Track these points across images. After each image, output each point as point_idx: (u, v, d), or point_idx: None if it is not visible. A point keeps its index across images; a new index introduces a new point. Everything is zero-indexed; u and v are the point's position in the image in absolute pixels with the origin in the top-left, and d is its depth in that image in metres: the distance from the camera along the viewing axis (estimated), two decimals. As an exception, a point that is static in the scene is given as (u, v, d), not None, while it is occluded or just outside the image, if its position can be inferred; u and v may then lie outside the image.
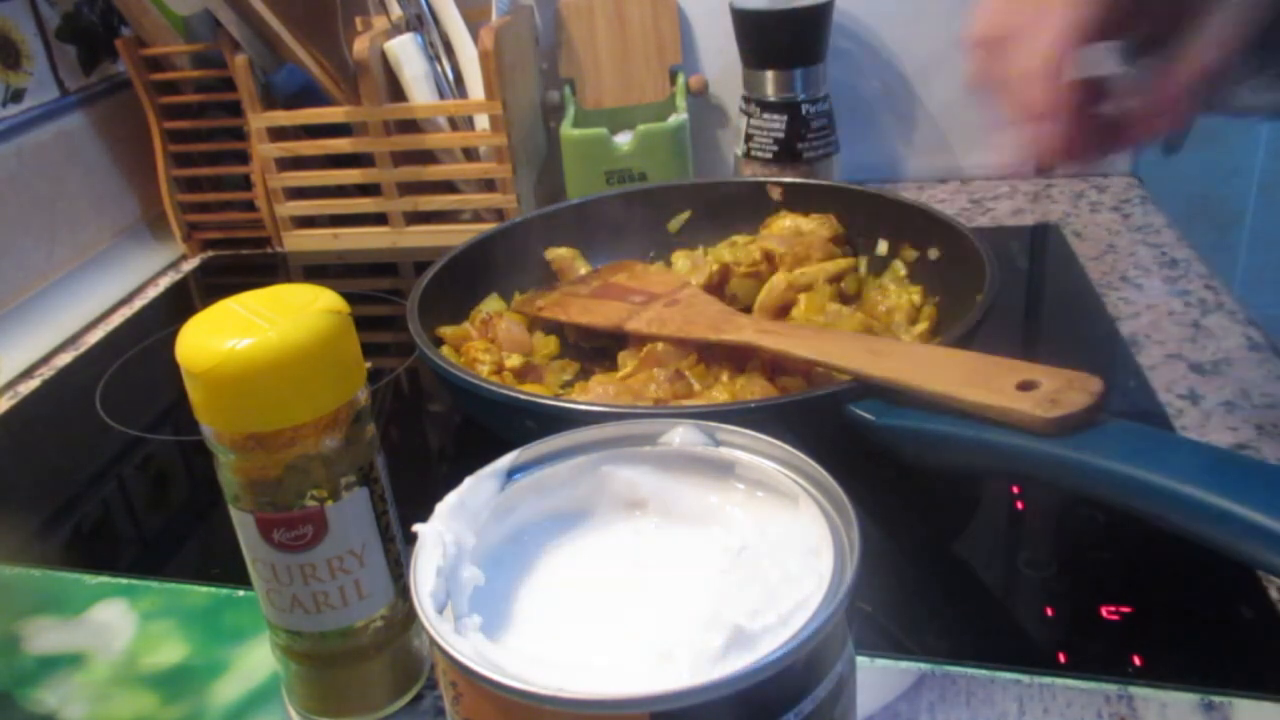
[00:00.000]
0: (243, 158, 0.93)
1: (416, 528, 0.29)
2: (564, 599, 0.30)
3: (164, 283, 0.91)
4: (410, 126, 0.87)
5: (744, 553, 0.30)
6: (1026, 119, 0.35)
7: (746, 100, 0.87)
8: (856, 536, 0.27)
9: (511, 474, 0.33)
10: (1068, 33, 0.34)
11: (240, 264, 0.95)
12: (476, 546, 0.30)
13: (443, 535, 0.29)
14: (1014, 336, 0.68)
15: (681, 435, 0.34)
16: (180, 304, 0.88)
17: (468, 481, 0.32)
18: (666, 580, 0.31)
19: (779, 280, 0.64)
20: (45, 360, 0.79)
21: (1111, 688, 0.40)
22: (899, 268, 0.67)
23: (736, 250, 0.68)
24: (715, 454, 0.33)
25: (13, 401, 0.73)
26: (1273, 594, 0.44)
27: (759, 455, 0.33)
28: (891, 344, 0.52)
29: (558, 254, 0.72)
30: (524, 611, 0.30)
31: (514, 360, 0.60)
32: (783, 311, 0.64)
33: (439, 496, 0.30)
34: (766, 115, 0.86)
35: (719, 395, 0.54)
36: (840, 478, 0.30)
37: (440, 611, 0.28)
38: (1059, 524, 0.50)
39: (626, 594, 0.30)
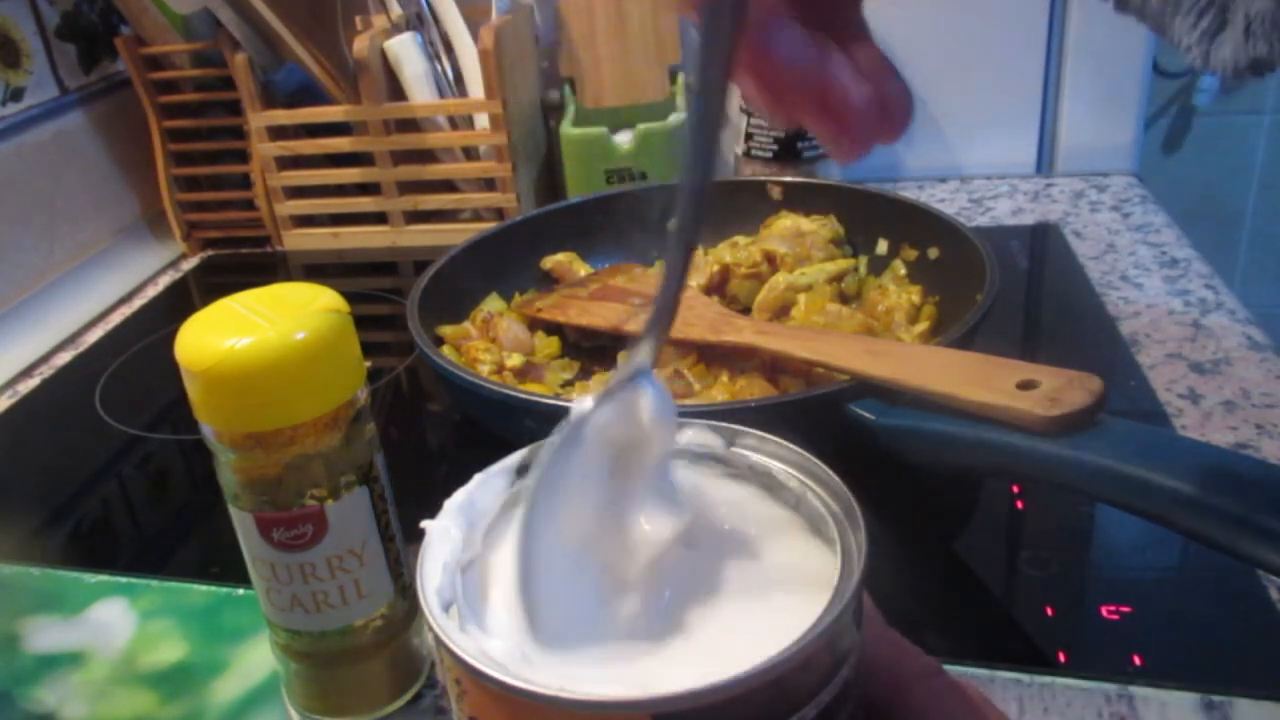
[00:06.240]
0: (242, 157, 0.93)
1: (424, 524, 0.29)
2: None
3: (163, 282, 0.91)
4: (410, 125, 0.87)
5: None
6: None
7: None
8: (864, 539, 0.27)
9: (521, 471, 0.33)
10: None
11: (240, 263, 0.94)
12: (484, 544, 0.30)
13: (450, 532, 0.29)
14: (1014, 336, 0.68)
15: (689, 436, 0.34)
16: (180, 303, 0.88)
17: (477, 478, 0.31)
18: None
19: (779, 280, 0.64)
20: (45, 359, 0.79)
21: (1111, 688, 0.40)
22: (899, 268, 0.67)
23: (737, 251, 0.68)
24: (719, 455, 0.33)
25: (12, 400, 0.73)
26: (1273, 594, 0.44)
27: (765, 456, 0.32)
28: (891, 344, 0.52)
29: (555, 260, 0.72)
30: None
31: (514, 360, 0.60)
32: (783, 312, 0.64)
33: (439, 496, 0.30)
34: (766, 115, 0.86)
35: (719, 395, 0.54)
36: (840, 478, 0.30)
37: (446, 609, 0.27)
38: (1059, 524, 0.50)
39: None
